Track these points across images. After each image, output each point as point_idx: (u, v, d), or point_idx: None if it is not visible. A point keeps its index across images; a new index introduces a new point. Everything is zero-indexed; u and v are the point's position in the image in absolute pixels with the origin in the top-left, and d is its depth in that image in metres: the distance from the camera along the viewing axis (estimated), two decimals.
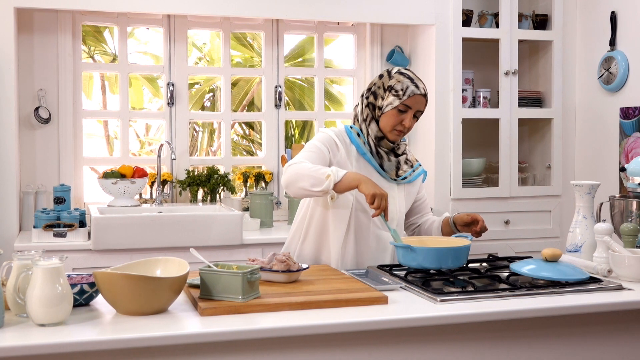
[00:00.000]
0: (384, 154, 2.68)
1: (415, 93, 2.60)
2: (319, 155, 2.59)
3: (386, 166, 2.68)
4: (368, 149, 2.67)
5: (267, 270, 2.21)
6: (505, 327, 2.05)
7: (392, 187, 2.70)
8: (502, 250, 4.23)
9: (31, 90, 3.96)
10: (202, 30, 6.21)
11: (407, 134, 2.78)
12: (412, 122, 2.63)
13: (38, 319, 1.79)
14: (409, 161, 2.77)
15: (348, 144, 2.68)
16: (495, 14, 4.35)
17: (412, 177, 2.76)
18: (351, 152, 2.66)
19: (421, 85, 2.65)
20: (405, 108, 2.61)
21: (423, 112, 2.68)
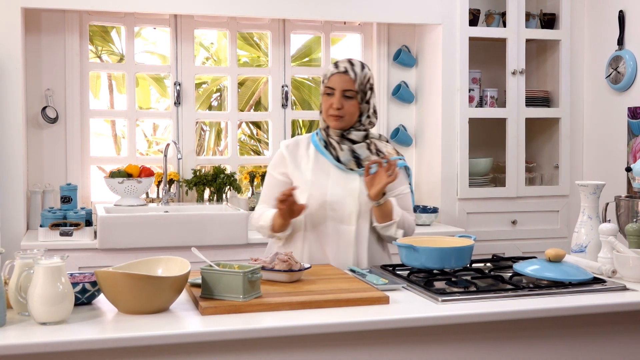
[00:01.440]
0: (335, 143, 2.62)
1: (333, 72, 2.60)
2: (273, 187, 2.68)
3: (342, 157, 2.62)
4: (322, 143, 2.66)
5: (269, 269, 2.21)
6: (508, 327, 2.04)
7: (351, 179, 2.63)
8: (509, 250, 4.22)
9: (39, 90, 3.98)
10: (209, 30, 6.22)
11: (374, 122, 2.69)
12: (342, 102, 2.57)
13: (39, 317, 1.79)
14: (380, 153, 2.68)
15: (305, 146, 2.70)
16: (502, 13, 4.34)
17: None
18: (310, 152, 2.68)
19: (343, 64, 2.61)
20: (330, 90, 2.59)
21: (357, 90, 2.59)
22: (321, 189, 2.61)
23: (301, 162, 2.67)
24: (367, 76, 2.64)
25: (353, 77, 2.58)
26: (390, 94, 4.51)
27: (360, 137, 2.65)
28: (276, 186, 2.67)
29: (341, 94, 2.58)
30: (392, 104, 4.53)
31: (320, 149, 2.65)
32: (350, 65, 2.61)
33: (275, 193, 2.58)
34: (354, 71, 2.59)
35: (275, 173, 2.71)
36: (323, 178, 2.63)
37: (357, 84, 2.59)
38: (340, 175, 2.63)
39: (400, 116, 4.55)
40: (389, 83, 4.51)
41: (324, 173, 2.64)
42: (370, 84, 2.66)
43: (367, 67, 2.67)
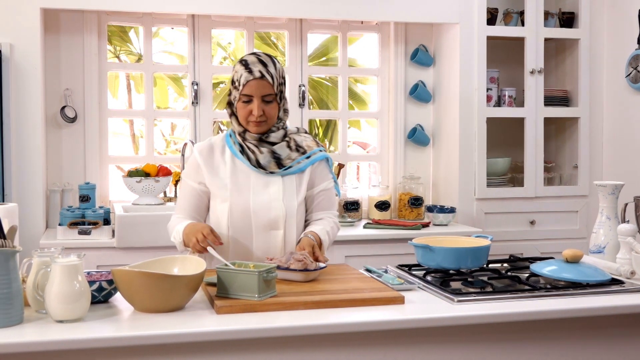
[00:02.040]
0: (253, 147, 2.49)
1: (248, 80, 2.42)
2: (189, 196, 2.56)
3: (262, 160, 2.48)
4: (238, 147, 2.52)
5: (284, 269, 2.21)
6: (524, 328, 2.03)
7: (273, 182, 2.50)
8: (528, 250, 4.19)
9: (58, 89, 4.01)
10: (226, 30, 6.23)
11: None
12: (262, 107, 2.43)
13: (56, 315, 1.81)
14: (300, 148, 2.55)
15: (221, 150, 2.56)
16: (520, 12, 4.31)
17: (300, 165, 2.53)
18: (226, 157, 2.54)
19: (257, 68, 2.43)
20: (247, 98, 2.44)
21: (276, 93, 2.45)
22: (243, 197, 2.47)
23: (218, 168, 2.52)
24: (281, 72, 2.50)
25: (271, 82, 2.43)
26: (408, 94, 4.49)
27: (279, 138, 2.53)
28: (193, 196, 2.54)
29: (260, 100, 2.43)
30: (410, 103, 4.52)
31: (237, 153, 2.52)
32: (265, 68, 2.43)
33: (192, 202, 2.53)
34: (269, 74, 2.43)
35: (191, 181, 2.55)
36: (244, 184, 2.50)
37: (275, 86, 2.45)
38: (261, 180, 2.50)
39: (417, 116, 4.53)
40: (406, 82, 4.50)
41: (244, 179, 2.50)
42: (282, 78, 2.51)
43: (277, 61, 2.50)
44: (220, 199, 2.50)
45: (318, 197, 2.58)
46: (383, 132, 4.57)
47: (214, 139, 2.61)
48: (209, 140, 2.61)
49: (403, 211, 4.31)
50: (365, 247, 3.81)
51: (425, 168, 4.55)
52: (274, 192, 2.49)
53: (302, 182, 2.54)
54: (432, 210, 4.15)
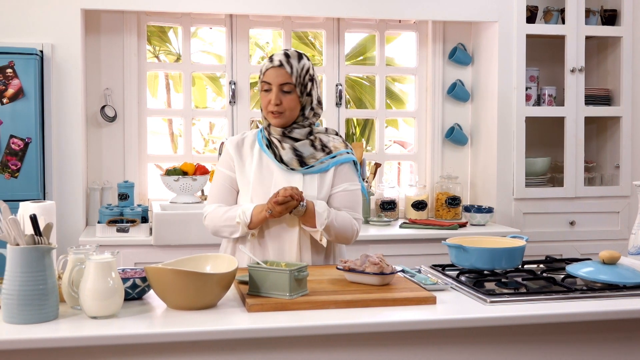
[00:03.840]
0: (276, 142, 2.51)
1: (268, 67, 2.47)
2: (224, 185, 2.57)
3: (284, 156, 2.49)
4: (266, 142, 2.54)
5: (359, 272, 2.17)
6: (558, 330, 2.00)
7: (294, 179, 2.48)
8: (567, 251, 4.13)
9: (98, 89, 4.07)
10: (264, 30, 6.27)
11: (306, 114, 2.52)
12: (280, 97, 2.44)
13: (90, 311, 1.84)
14: (326, 148, 2.54)
15: (251, 143, 2.58)
16: (561, 10, 4.25)
17: (323, 165, 2.51)
18: (255, 151, 2.56)
19: (278, 58, 2.47)
20: (267, 86, 2.47)
21: (295, 84, 2.45)
22: (264, 191, 2.47)
23: (245, 161, 2.55)
24: (306, 67, 2.49)
25: (289, 71, 2.45)
26: (446, 93, 4.46)
27: (303, 135, 2.52)
28: (228, 183, 2.56)
29: (279, 89, 2.45)
30: (447, 102, 4.48)
31: (264, 147, 2.54)
32: (286, 58, 2.47)
33: (227, 190, 2.54)
34: (289, 64, 2.46)
35: (225, 169, 2.58)
36: (267, 179, 2.50)
37: (294, 77, 2.45)
38: (283, 176, 2.49)
39: (455, 115, 4.50)
40: (444, 81, 4.47)
41: (267, 173, 2.51)
42: (310, 75, 2.50)
43: (305, 58, 2.52)
44: (243, 191, 2.53)
45: (339, 197, 2.53)
46: (420, 131, 4.55)
47: (247, 133, 2.64)
48: (242, 134, 2.65)
49: (440, 211, 4.28)
50: (401, 246, 3.80)
51: (463, 167, 4.51)
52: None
53: (325, 182, 2.52)
54: (469, 210, 4.11)
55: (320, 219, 2.41)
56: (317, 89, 2.55)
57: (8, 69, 3.47)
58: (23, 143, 3.50)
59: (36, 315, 1.79)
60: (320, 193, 2.50)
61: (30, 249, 1.79)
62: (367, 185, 4.21)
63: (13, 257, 1.80)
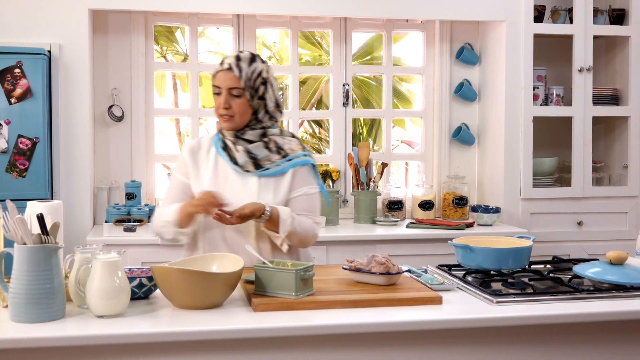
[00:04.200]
0: (230, 144, 2.47)
1: (217, 70, 2.43)
2: (176, 190, 2.51)
3: (239, 159, 2.45)
4: (221, 144, 2.50)
5: (365, 272, 2.17)
6: (565, 331, 1.99)
7: (249, 182, 2.44)
8: (575, 252, 4.11)
9: (105, 89, 4.08)
10: (271, 30, 6.27)
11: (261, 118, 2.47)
12: (229, 101, 2.40)
13: (97, 310, 1.84)
14: (281, 150, 2.49)
15: (207, 147, 2.53)
16: (569, 9, 4.23)
17: (279, 168, 2.46)
18: (211, 155, 2.51)
19: (228, 60, 2.43)
20: (217, 90, 2.43)
21: (244, 88, 2.40)
22: None
23: (201, 166, 2.50)
24: (257, 70, 2.43)
25: (238, 74, 2.39)
26: (453, 92, 4.45)
27: (256, 136, 2.47)
28: (181, 189, 2.51)
29: (228, 92, 2.40)
30: (455, 102, 4.47)
31: (219, 151, 2.49)
32: (236, 61, 2.41)
33: (179, 196, 2.49)
34: (239, 67, 2.40)
35: (180, 175, 2.54)
36: (222, 184, 2.45)
37: (243, 80, 2.39)
38: (238, 179, 2.45)
39: (462, 114, 4.49)
40: (452, 81, 4.46)
41: (223, 178, 2.46)
42: (262, 78, 2.44)
43: (258, 60, 2.47)
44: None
45: (298, 201, 2.47)
46: (428, 131, 4.54)
47: (204, 137, 2.59)
48: (199, 138, 2.60)
49: (447, 211, 4.27)
50: (408, 246, 3.79)
51: (470, 167, 4.50)
52: (249, 193, 2.42)
53: (282, 185, 2.46)
54: (476, 210, 4.10)
55: (284, 225, 2.36)
56: (273, 91, 2.49)
57: (16, 69, 3.48)
58: (31, 143, 3.52)
59: (43, 314, 1.80)
60: (277, 197, 2.44)
61: (37, 248, 1.80)
62: (374, 185, 4.21)
63: (20, 256, 1.80)
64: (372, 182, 4.21)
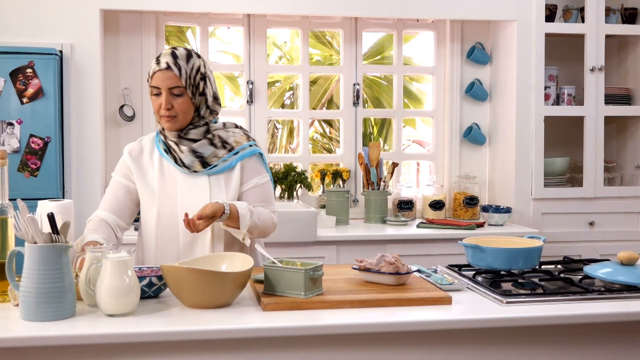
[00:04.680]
0: (174, 145, 2.39)
1: (155, 71, 2.31)
2: (117, 194, 2.44)
3: (185, 160, 2.38)
4: (164, 146, 2.42)
5: (375, 272, 2.17)
6: (576, 331, 1.98)
7: (199, 182, 2.39)
8: (586, 252, 4.09)
9: (116, 89, 4.10)
10: (281, 29, 6.28)
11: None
12: (170, 101, 2.31)
13: (107, 309, 1.85)
14: (227, 144, 2.43)
15: (150, 151, 2.46)
16: (580, 9, 4.21)
17: (227, 163, 2.41)
18: (155, 158, 2.44)
19: (165, 59, 2.31)
20: (156, 90, 2.32)
21: (185, 86, 2.31)
22: (170, 200, 2.38)
23: (147, 171, 2.42)
24: (196, 66, 2.35)
25: (178, 73, 2.30)
26: (464, 92, 4.44)
27: (200, 134, 2.40)
28: (119, 190, 2.44)
29: (168, 92, 2.31)
30: (465, 101, 4.46)
31: (163, 153, 2.41)
32: (173, 59, 2.31)
33: (116, 198, 2.42)
34: (177, 65, 2.30)
35: (119, 177, 2.45)
36: (171, 187, 2.39)
37: (183, 79, 2.31)
38: (188, 181, 2.38)
39: (473, 114, 4.48)
40: (462, 81, 4.45)
41: (171, 181, 2.39)
42: (201, 74, 2.36)
43: (195, 56, 2.37)
44: (147, 203, 2.41)
45: (249, 193, 2.44)
46: (438, 130, 4.53)
47: (144, 139, 2.51)
48: (139, 140, 2.51)
49: (458, 211, 4.26)
50: (418, 246, 3.79)
51: (481, 167, 4.49)
52: (201, 193, 2.37)
53: (232, 179, 2.42)
54: (487, 210, 4.09)
55: (244, 221, 2.30)
56: (211, 85, 2.42)
57: (28, 69, 3.50)
58: (42, 142, 3.54)
59: (53, 312, 1.81)
60: (229, 192, 2.40)
61: (48, 247, 1.81)
62: (384, 185, 4.20)
63: (31, 255, 1.81)
64: (383, 182, 4.20)
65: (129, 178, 2.44)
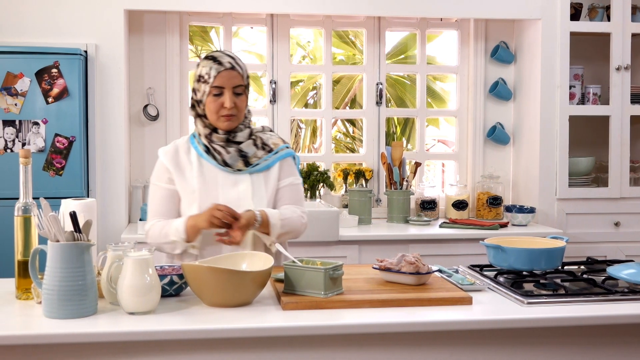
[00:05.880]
0: (220, 148, 2.45)
1: (219, 70, 2.39)
2: (162, 200, 2.48)
3: (228, 159, 2.44)
4: (203, 148, 2.48)
5: (395, 271, 2.17)
6: (598, 333, 1.96)
7: (241, 180, 2.46)
8: (612, 253, 4.05)
9: (141, 88, 4.13)
10: (305, 29, 6.29)
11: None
12: (234, 100, 2.40)
13: (128, 307, 1.87)
14: (266, 146, 2.53)
15: (185, 151, 2.51)
16: (606, 7, 4.17)
17: (268, 162, 2.50)
18: (192, 157, 2.49)
19: (226, 59, 2.41)
20: (218, 90, 2.40)
21: (247, 85, 2.46)
22: (211, 197, 2.42)
23: (185, 169, 2.48)
24: (246, 69, 2.49)
25: (241, 72, 2.43)
26: (488, 91, 4.42)
27: (245, 137, 2.49)
28: (166, 197, 2.48)
29: (232, 91, 2.40)
30: (489, 101, 4.44)
31: (202, 153, 2.48)
32: (233, 59, 2.43)
33: (165, 205, 2.46)
34: (239, 65, 2.43)
35: (162, 183, 2.50)
36: (211, 184, 2.45)
37: (244, 78, 2.45)
38: (229, 179, 2.46)
39: (497, 114, 4.45)
40: (486, 80, 4.42)
41: (211, 179, 2.46)
42: (249, 75, 2.51)
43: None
44: (188, 201, 2.45)
45: (284, 191, 2.52)
46: (462, 130, 4.51)
47: (178, 141, 2.56)
48: (173, 143, 2.56)
49: (481, 211, 4.24)
50: (441, 246, 3.77)
51: (504, 167, 4.46)
52: (242, 190, 2.45)
53: (270, 178, 2.50)
54: (510, 210, 4.06)
55: (274, 229, 2.38)
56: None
57: (53, 69, 3.54)
58: (67, 141, 3.57)
59: (75, 310, 1.83)
60: (268, 190, 2.48)
61: (70, 246, 1.83)
62: (407, 184, 4.19)
63: (53, 254, 1.83)
64: (405, 182, 4.19)
65: (169, 181, 2.49)
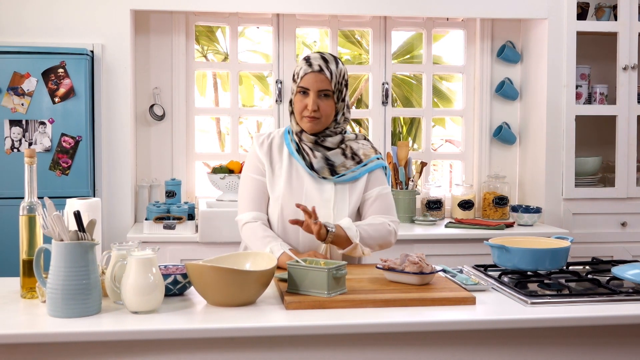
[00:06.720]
0: (308, 149, 2.46)
1: (307, 72, 2.40)
2: (256, 192, 2.50)
3: (315, 164, 2.45)
4: (295, 146, 2.49)
5: (399, 271, 2.16)
6: (602, 333, 1.96)
7: (325, 188, 2.46)
8: (618, 253, 4.04)
9: (147, 88, 4.14)
10: (310, 29, 6.29)
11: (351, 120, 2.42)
12: (318, 102, 2.40)
13: (131, 306, 1.87)
14: (356, 156, 2.51)
15: (278, 145, 2.53)
16: (613, 6, 4.15)
17: (355, 174, 2.49)
18: (284, 155, 2.51)
19: (317, 62, 2.41)
20: (303, 90, 2.41)
21: (333, 91, 2.42)
22: (295, 199, 2.43)
23: (275, 165, 2.50)
24: (342, 72, 2.45)
25: (329, 76, 2.40)
26: (494, 91, 4.41)
27: (335, 143, 2.49)
28: (258, 189, 2.50)
29: (317, 94, 2.40)
30: (496, 101, 4.43)
31: (293, 152, 2.49)
32: (325, 63, 2.41)
33: (257, 197, 2.48)
34: (329, 69, 2.41)
35: (254, 174, 2.52)
36: (297, 186, 2.46)
37: (333, 83, 2.41)
38: (313, 185, 2.46)
39: (503, 113, 4.44)
40: (493, 79, 4.41)
41: (297, 180, 2.47)
42: (345, 81, 2.47)
43: (340, 62, 2.48)
44: (273, 197, 2.48)
45: (373, 203, 2.51)
46: (468, 130, 4.50)
47: (274, 133, 2.57)
48: (269, 134, 2.57)
49: (487, 211, 4.23)
50: (446, 246, 3.77)
51: (511, 167, 4.45)
52: (324, 199, 2.45)
53: (356, 190, 2.50)
54: (516, 210, 4.05)
55: (350, 232, 2.36)
56: (348, 93, 2.52)
57: (60, 68, 3.55)
58: (74, 141, 3.59)
59: (79, 309, 1.83)
60: (352, 202, 2.48)
61: (74, 245, 1.83)
62: (412, 184, 4.19)
63: (57, 253, 1.84)
64: (411, 182, 4.19)
65: (261, 172, 2.51)
